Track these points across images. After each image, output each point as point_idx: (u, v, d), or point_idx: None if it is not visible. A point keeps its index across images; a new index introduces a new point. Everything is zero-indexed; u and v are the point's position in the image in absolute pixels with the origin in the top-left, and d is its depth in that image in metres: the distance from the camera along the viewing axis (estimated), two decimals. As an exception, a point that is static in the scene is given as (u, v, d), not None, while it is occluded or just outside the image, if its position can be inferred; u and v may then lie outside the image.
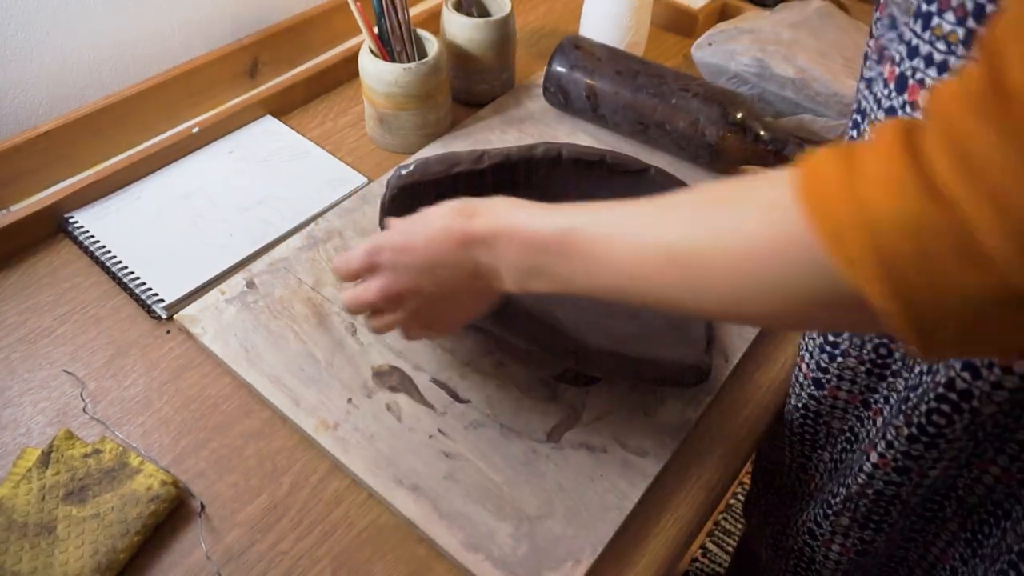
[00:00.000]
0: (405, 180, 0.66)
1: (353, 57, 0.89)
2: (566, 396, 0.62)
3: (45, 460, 0.55)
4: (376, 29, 0.79)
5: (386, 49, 0.80)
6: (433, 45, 0.81)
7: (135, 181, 0.77)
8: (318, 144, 0.84)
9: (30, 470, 0.55)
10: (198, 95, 0.86)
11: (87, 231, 0.72)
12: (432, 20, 0.96)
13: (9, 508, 0.53)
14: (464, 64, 0.88)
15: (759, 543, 0.83)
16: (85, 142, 0.78)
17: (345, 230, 0.74)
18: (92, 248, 0.71)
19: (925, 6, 0.42)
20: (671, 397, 0.63)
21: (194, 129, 0.81)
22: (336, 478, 0.58)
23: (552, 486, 0.57)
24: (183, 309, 0.67)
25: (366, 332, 0.66)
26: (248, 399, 0.62)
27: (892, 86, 0.46)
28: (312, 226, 0.74)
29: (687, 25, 1.05)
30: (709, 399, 0.63)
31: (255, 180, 0.79)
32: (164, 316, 0.67)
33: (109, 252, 0.71)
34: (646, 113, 0.81)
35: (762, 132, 0.78)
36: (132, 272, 0.69)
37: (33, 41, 0.75)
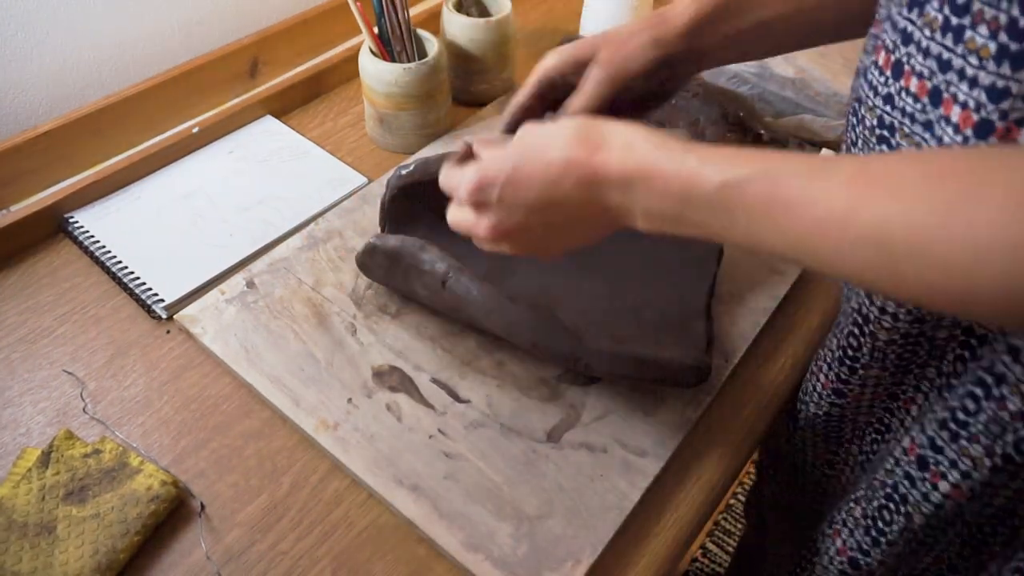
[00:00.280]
0: (405, 180, 0.66)
1: (353, 57, 0.89)
2: (566, 396, 0.62)
3: (45, 460, 0.55)
4: (376, 29, 0.79)
5: (386, 49, 0.80)
6: (433, 45, 0.81)
7: (135, 181, 0.77)
8: (318, 144, 0.84)
9: (30, 470, 0.55)
10: (198, 95, 0.86)
11: (87, 231, 0.72)
12: (432, 20, 0.96)
13: (9, 508, 0.53)
14: (464, 64, 0.88)
15: (770, 542, 0.81)
16: (85, 142, 0.78)
17: (345, 230, 0.74)
18: (92, 248, 0.71)
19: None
20: (671, 397, 0.63)
21: (194, 129, 0.81)
22: (336, 478, 0.58)
23: (552, 486, 0.57)
24: (183, 309, 0.67)
25: (366, 332, 0.66)
26: (248, 399, 0.62)
27: (888, 73, 0.45)
28: (312, 226, 0.74)
29: (687, 25, 1.05)
30: (709, 399, 0.63)
31: (255, 180, 0.79)
32: (164, 316, 0.67)
33: (109, 252, 0.71)
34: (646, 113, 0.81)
35: (762, 132, 0.78)
36: (132, 272, 0.69)
37: (33, 41, 0.75)
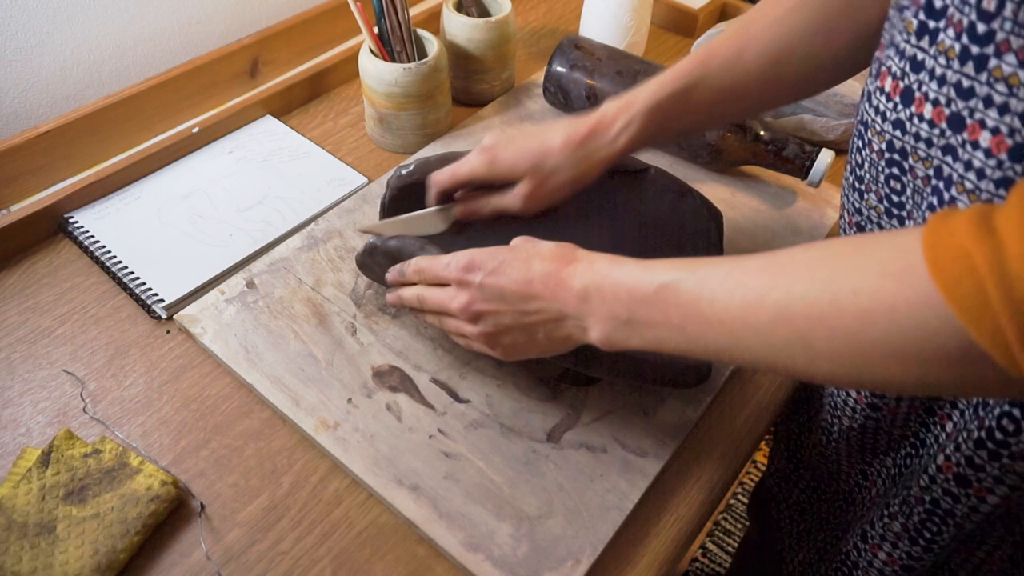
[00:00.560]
0: (405, 180, 0.66)
1: (353, 57, 0.89)
2: (566, 396, 0.62)
3: (45, 460, 0.55)
4: (376, 29, 0.79)
5: (386, 49, 0.80)
6: (433, 45, 0.81)
7: (135, 181, 0.78)
8: (318, 144, 0.84)
9: (30, 470, 0.55)
10: (198, 95, 0.86)
11: (87, 231, 0.72)
12: (432, 20, 0.96)
13: (9, 508, 0.53)
14: (464, 64, 0.88)
15: (796, 547, 0.80)
16: (85, 142, 0.79)
17: (345, 230, 0.74)
18: (92, 248, 0.71)
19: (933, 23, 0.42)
20: (671, 397, 0.63)
21: (194, 129, 0.81)
22: (336, 478, 0.58)
23: (552, 486, 0.57)
24: (183, 309, 0.67)
25: (366, 332, 0.66)
26: (248, 399, 0.62)
27: (897, 99, 0.46)
28: (312, 226, 0.74)
29: (687, 25, 1.05)
30: (709, 399, 0.63)
31: (255, 180, 0.79)
32: (164, 316, 0.67)
33: (109, 252, 0.71)
34: (646, 113, 0.81)
35: (762, 132, 0.78)
36: (132, 272, 0.69)
37: (33, 41, 0.75)
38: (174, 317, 0.66)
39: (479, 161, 0.61)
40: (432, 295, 0.55)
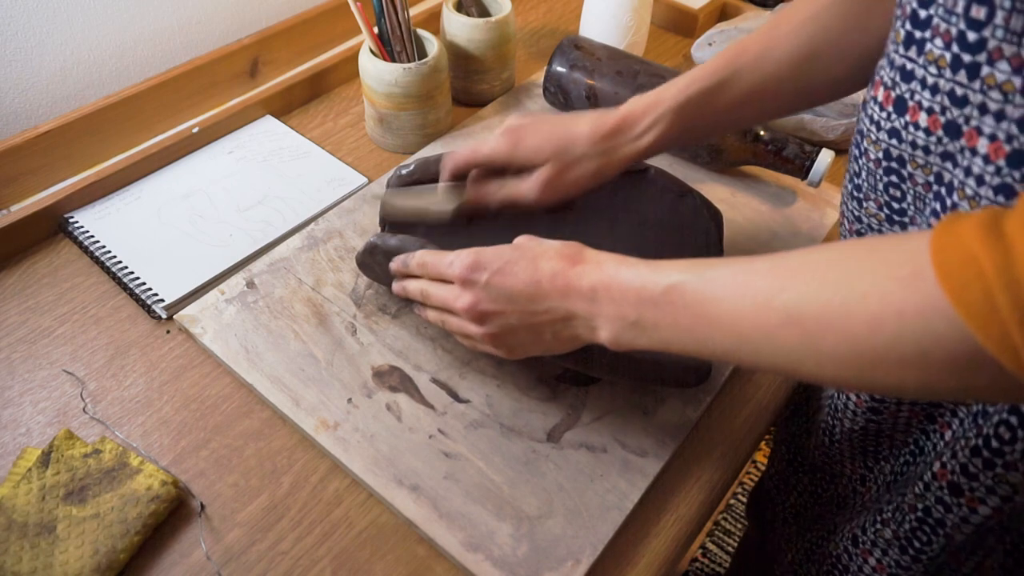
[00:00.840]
0: (405, 180, 0.66)
1: (353, 57, 0.89)
2: (566, 396, 0.62)
3: (45, 460, 0.55)
4: (376, 29, 0.79)
5: (386, 49, 0.80)
6: (433, 45, 0.81)
7: (135, 181, 0.78)
8: (318, 144, 0.84)
9: (30, 470, 0.55)
10: (198, 95, 0.86)
11: (87, 231, 0.72)
12: (432, 20, 0.96)
13: (9, 508, 0.53)
14: (464, 64, 0.88)
15: (785, 547, 0.80)
16: (85, 142, 0.79)
17: (345, 230, 0.74)
18: (92, 248, 0.71)
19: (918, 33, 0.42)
20: (671, 397, 0.63)
21: (194, 129, 0.81)
22: (336, 478, 0.58)
23: (552, 486, 0.57)
24: (183, 309, 0.67)
25: (366, 332, 0.66)
26: (248, 399, 0.62)
27: (891, 108, 0.46)
28: (312, 226, 0.74)
29: (687, 25, 1.05)
30: (709, 399, 0.63)
31: (255, 180, 0.79)
32: (164, 316, 0.67)
33: (109, 252, 0.71)
34: (646, 113, 0.81)
35: (762, 132, 0.78)
36: (132, 272, 0.69)
37: (33, 41, 0.75)
38: (174, 317, 0.66)
39: (502, 141, 0.59)
40: (436, 292, 0.55)
